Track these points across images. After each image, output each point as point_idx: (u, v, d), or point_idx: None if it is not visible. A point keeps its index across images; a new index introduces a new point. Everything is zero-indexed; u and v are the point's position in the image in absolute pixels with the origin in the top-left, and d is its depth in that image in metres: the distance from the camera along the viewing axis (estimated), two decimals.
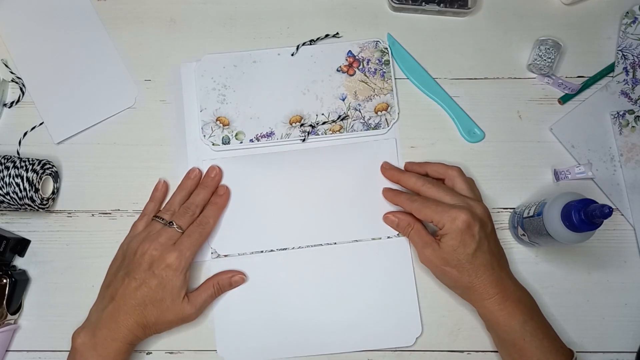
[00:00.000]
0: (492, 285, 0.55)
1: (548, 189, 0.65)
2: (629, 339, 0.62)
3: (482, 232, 0.55)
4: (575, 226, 0.52)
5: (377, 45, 0.67)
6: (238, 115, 0.65)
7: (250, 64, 0.66)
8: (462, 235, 0.54)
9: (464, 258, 0.54)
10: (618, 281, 0.63)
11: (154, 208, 0.63)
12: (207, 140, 0.64)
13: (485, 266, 0.55)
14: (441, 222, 0.55)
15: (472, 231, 0.54)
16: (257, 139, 0.65)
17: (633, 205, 0.64)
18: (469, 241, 0.54)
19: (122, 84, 0.67)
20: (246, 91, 0.66)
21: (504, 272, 0.56)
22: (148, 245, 0.57)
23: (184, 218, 0.59)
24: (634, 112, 0.66)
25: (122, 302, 0.56)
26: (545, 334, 0.54)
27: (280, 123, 0.65)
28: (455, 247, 0.54)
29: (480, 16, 0.69)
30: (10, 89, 0.67)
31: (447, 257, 0.55)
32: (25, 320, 0.63)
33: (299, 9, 0.69)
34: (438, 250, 0.56)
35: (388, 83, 0.66)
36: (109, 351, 0.55)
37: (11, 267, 0.63)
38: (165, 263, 0.56)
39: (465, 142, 0.66)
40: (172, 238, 0.58)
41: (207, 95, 0.66)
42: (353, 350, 0.61)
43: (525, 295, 0.56)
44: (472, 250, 0.54)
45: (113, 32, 0.68)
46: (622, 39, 0.67)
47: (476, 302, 0.56)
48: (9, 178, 0.59)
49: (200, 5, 0.69)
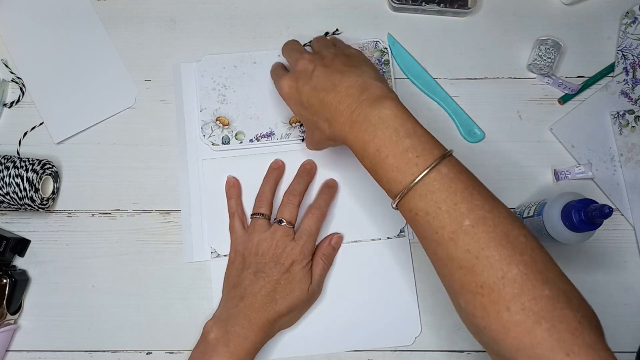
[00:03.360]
0: (339, 118, 0.49)
1: (548, 189, 0.65)
2: (629, 339, 0.62)
3: (302, 82, 0.53)
4: (575, 226, 0.52)
5: (376, 45, 0.67)
6: (238, 115, 0.65)
7: (250, 64, 0.66)
8: (289, 97, 0.54)
9: (307, 114, 0.53)
10: (618, 281, 0.63)
11: (238, 204, 0.63)
12: (207, 140, 0.64)
13: (322, 106, 0.51)
14: None
15: (293, 88, 0.54)
16: (257, 139, 0.65)
17: (633, 205, 0.64)
18: (296, 98, 0.53)
19: (122, 84, 0.67)
20: (246, 91, 0.66)
21: (346, 95, 0.49)
22: (268, 244, 0.58)
23: (288, 210, 0.60)
24: (634, 112, 0.66)
25: (253, 299, 0.56)
26: (392, 149, 0.46)
27: (280, 123, 0.65)
28: (297, 112, 0.55)
29: (480, 16, 0.69)
30: (10, 89, 0.67)
31: (305, 125, 0.56)
32: (25, 320, 0.63)
33: (299, 9, 0.69)
34: None
35: (388, 82, 0.66)
36: (240, 349, 0.54)
37: (11, 267, 0.63)
38: (290, 259, 0.57)
39: (465, 142, 0.66)
40: (287, 232, 0.59)
41: (207, 95, 0.66)
42: (352, 349, 0.61)
43: (374, 108, 0.47)
44: (304, 103, 0.53)
45: (113, 32, 0.68)
46: (622, 39, 0.67)
47: (344, 142, 0.51)
48: (9, 178, 0.59)
49: (200, 5, 0.69)
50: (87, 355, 0.62)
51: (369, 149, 0.47)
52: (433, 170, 0.44)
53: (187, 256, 0.63)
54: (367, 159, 0.48)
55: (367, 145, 0.47)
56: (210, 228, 0.63)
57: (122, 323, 0.62)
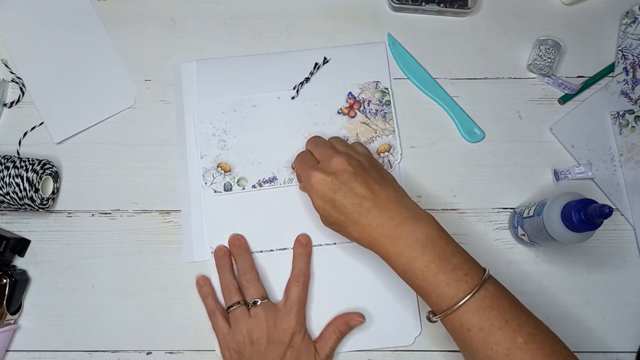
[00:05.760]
0: (376, 227, 0.50)
1: (548, 189, 0.65)
2: (629, 339, 0.62)
3: (338, 182, 0.52)
4: (575, 226, 0.52)
5: (377, 86, 0.66)
6: (239, 161, 0.64)
7: (249, 108, 0.65)
8: (321, 192, 0.53)
9: (334, 212, 0.53)
10: (618, 281, 0.63)
11: (215, 300, 0.61)
12: (209, 187, 0.63)
13: (359, 212, 0.51)
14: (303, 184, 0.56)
15: (328, 185, 0.53)
16: (259, 185, 0.64)
17: (633, 205, 0.64)
18: (329, 195, 0.52)
19: (122, 84, 0.67)
20: (247, 136, 0.65)
21: (385, 208, 0.51)
22: (259, 329, 0.57)
23: (253, 289, 0.59)
24: (634, 112, 0.66)
25: None
26: (441, 266, 0.48)
27: (282, 168, 0.64)
28: (321, 206, 0.53)
29: (480, 16, 0.69)
30: (10, 89, 0.67)
31: (323, 218, 0.55)
32: (25, 320, 0.63)
33: (299, 9, 0.69)
34: None
35: (390, 124, 0.65)
36: None
37: (11, 267, 0.63)
38: (289, 333, 0.57)
39: (465, 142, 0.66)
40: (268, 308, 0.58)
41: (208, 142, 0.64)
42: (353, 349, 0.61)
43: (419, 226, 0.50)
44: (336, 202, 0.52)
45: (113, 32, 0.68)
46: (622, 39, 0.67)
47: (373, 249, 0.52)
48: (9, 178, 0.59)
49: (200, 5, 0.69)
50: (87, 355, 0.62)
51: (416, 265, 0.48)
52: (482, 288, 0.47)
53: (187, 256, 0.63)
54: (411, 274, 0.49)
55: (415, 262, 0.48)
56: (210, 228, 0.63)
57: (122, 323, 0.62)
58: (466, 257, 0.50)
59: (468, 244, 0.63)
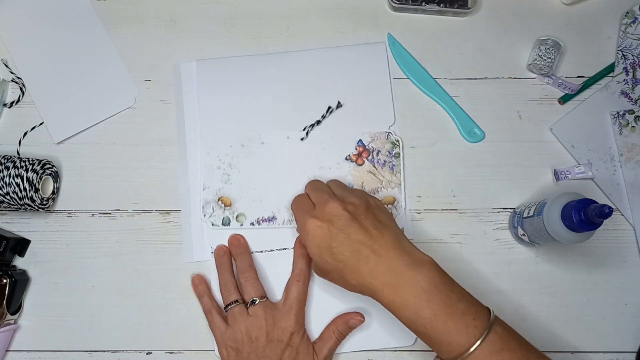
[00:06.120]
0: (377, 276, 0.49)
1: (548, 189, 0.65)
2: (629, 339, 0.62)
3: (335, 229, 0.51)
4: (575, 226, 0.52)
5: (388, 137, 0.65)
6: (241, 196, 0.64)
7: (258, 145, 0.64)
8: (317, 240, 0.51)
9: (331, 260, 0.51)
10: (618, 281, 0.63)
11: (211, 299, 0.61)
12: (207, 219, 0.63)
13: (358, 259, 0.50)
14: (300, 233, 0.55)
15: (324, 232, 0.51)
16: (257, 223, 0.63)
17: (633, 205, 0.64)
18: (326, 242, 0.51)
19: (122, 84, 0.67)
20: (252, 172, 0.64)
21: (385, 255, 0.50)
22: (257, 327, 0.56)
23: (251, 287, 0.59)
24: (634, 112, 0.66)
25: None
26: (449, 313, 0.47)
27: (283, 208, 0.63)
28: (318, 253, 0.52)
29: (480, 16, 0.69)
30: (10, 89, 0.67)
31: (320, 266, 0.53)
32: (25, 320, 0.63)
33: (299, 9, 0.69)
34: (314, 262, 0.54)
35: (397, 176, 0.64)
36: None
37: (11, 267, 0.63)
38: (288, 332, 0.56)
39: (465, 142, 0.66)
40: (267, 307, 0.58)
41: (211, 174, 0.64)
42: (353, 350, 0.61)
43: (422, 273, 0.49)
44: (333, 250, 0.51)
45: (113, 32, 0.68)
46: (622, 39, 0.67)
47: (375, 297, 0.50)
48: (9, 178, 0.59)
49: (200, 5, 0.69)
50: (87, 355, 0.62)
51: (424, 315, 0.47)
52: (491, 331, 0.47)
53: (187, 256, 0.63)
54: (419, 324, 0.48)
55: (422, 311, 0.48)
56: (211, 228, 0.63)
57: (122, 323, 0.62)
58: (471, 299, 0.49)
59: (468, 243, 0.63)
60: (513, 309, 0.62)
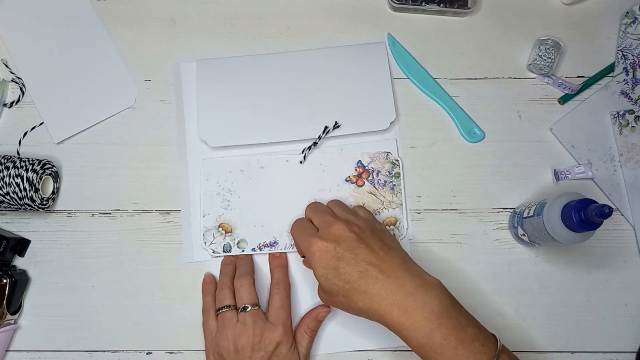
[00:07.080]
0: (386, 296, 0.49)
1: (548, 189, 0.65)
2: (629, 339, 0.62)
3: (341, 249, 0.51)
4: (575, 226, 0.52)
5: (387, 157, 0.65)
6: (242, 222, 0.63)
7: (257, 169, 0.64)
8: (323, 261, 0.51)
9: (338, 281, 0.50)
10: (618, 281, 0.63)
11: (214, 300, 0.60)
12: (208, 247, 0.63)
13: (366, 279, 0.49)
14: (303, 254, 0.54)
15: (330, 253, 0.51)
16: (259, 248, 0.62)
17: (633, 205, 0.64)
18: (332, 263, 0.50)
19: (122, 84, 0.67)
20: (252, 197, 0.63)
21: (393, 276, 0.49)
22: (245, 337, 0.55)
23: (245, 292, 0.58)
24: (634, 112, 0.66)
25: None
26: (460, 338, 0.47)
27: (284, 232, 0.63)
28: (324, 275, 0.51)
29: (480, 16, 0.69)
30: (10, 89, 0.67)
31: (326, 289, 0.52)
32: (25, 320, 0.63)
33: (299, 9, 0.69)
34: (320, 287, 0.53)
35: (397, 197, 0.64)
36: None
37: (11, 267, 0.63)
38: (274, 342, 0.56)
39: (465, 142, 0.66)
40: (256, 316, 0.57)
41: (211, 201, 0.63)
42: (353, 349, 0.61)
43: (432, 296, 0.48)
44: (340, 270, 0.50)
45: (113, 32, 0.68)
46: (622, 39, 0.67)
47: (382, 320, 0.49)
48: (9, 178, 0.59)
49: (200, 5, 0.69)
50: (87, 355, 0.62)
51: (435, 339, 0.47)
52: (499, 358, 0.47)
53: (187, 256, 0.63)
54: (429, 348, 0.47)
55: (433, 335, 0.47)
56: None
57: (122, 323, 0.62)
58: (478, 326, 0.49)
59: (468, 243, 0.63)
60: (513, 309, 0.62)
